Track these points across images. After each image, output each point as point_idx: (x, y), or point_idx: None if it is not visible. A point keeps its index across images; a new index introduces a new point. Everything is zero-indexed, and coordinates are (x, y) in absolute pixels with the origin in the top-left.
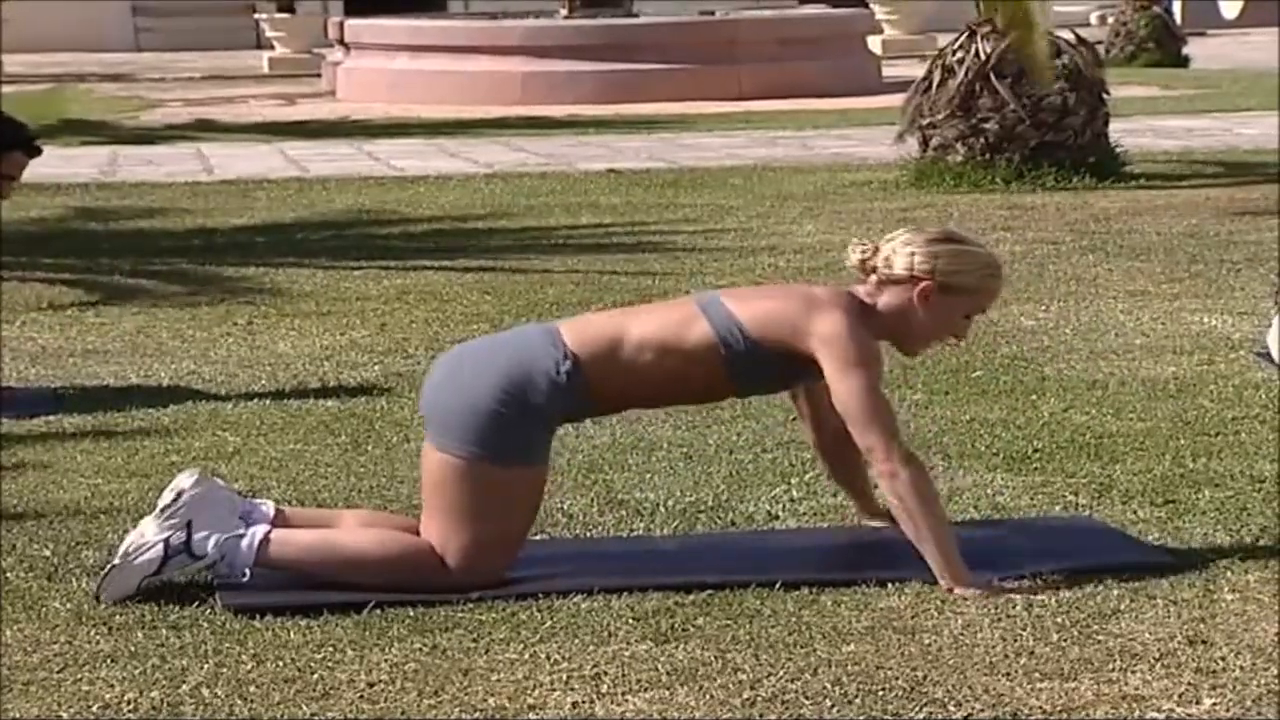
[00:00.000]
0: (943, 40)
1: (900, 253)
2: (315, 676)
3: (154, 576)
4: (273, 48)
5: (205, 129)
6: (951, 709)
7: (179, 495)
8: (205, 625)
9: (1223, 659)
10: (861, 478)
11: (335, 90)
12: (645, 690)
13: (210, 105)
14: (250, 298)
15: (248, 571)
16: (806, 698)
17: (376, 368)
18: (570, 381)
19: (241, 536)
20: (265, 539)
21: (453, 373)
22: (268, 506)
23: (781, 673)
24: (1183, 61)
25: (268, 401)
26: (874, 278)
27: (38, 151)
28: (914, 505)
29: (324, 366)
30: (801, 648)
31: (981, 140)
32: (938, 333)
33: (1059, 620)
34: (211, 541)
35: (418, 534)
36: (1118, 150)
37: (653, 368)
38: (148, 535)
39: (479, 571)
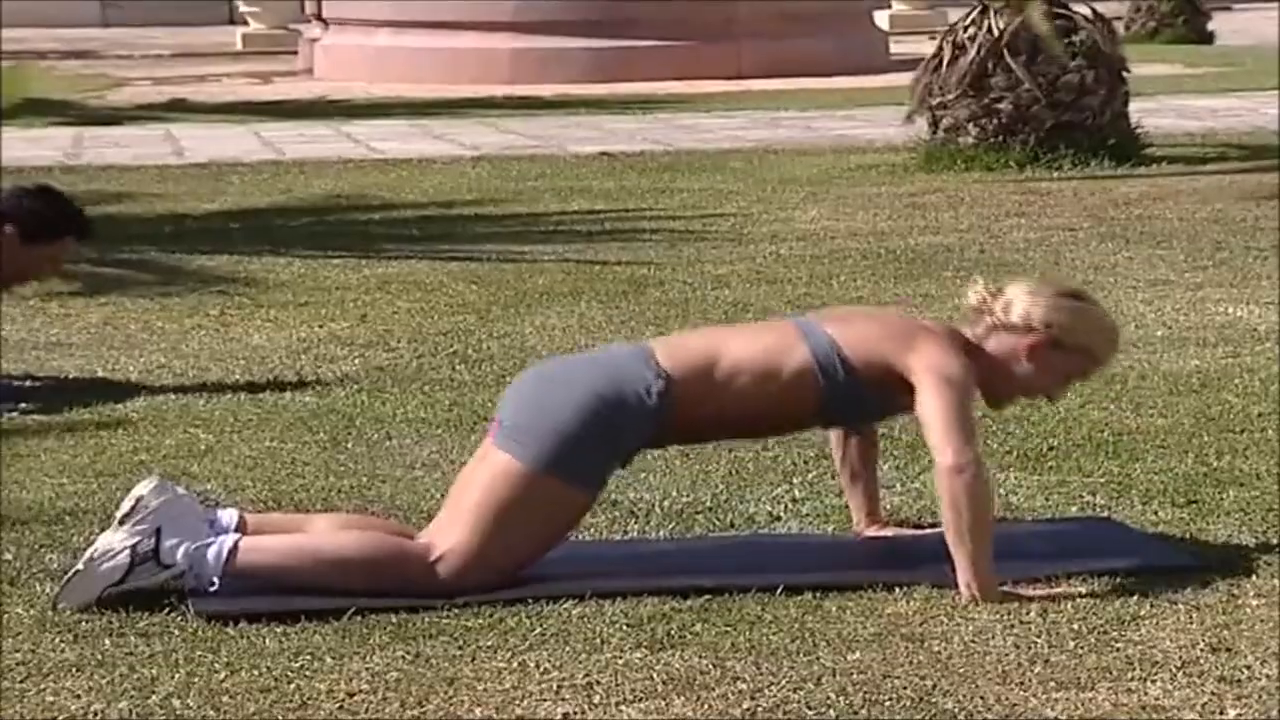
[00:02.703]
0: (953, 15)
1: (1022, 300)
2: (292, 686)
3: (117, 586)
4: (246, 23)
5: (175, 109)
6: None
7: (138, 503)
8: (176, 632)
9: (1248, 667)
10: (872, 477)
11: (313, 68)
12: (640, 701)
13: (181, 84)
14: (223, 288)
15: (216, 581)
16: (810, 708)
17: (357, 361)
18: (660, 404)
19: (210, 545)
20: (235, 547)
21: (541, 383)
22: (230, 516)
23: (783, 682)
24: (1207, 38)
25: (242, 397)
26: (988, 320)
27: (90, 234)
28: (966, 504)
29: (301, 360)
30: (804, 656)
31: (994, 121)
32: (1034, 389)
33: (1075, 627)
34: (181, 550)
35: (399, 536)
36: (1138, 132)
37: (746, 394)
38: (113, 541)
39: (473, 581)
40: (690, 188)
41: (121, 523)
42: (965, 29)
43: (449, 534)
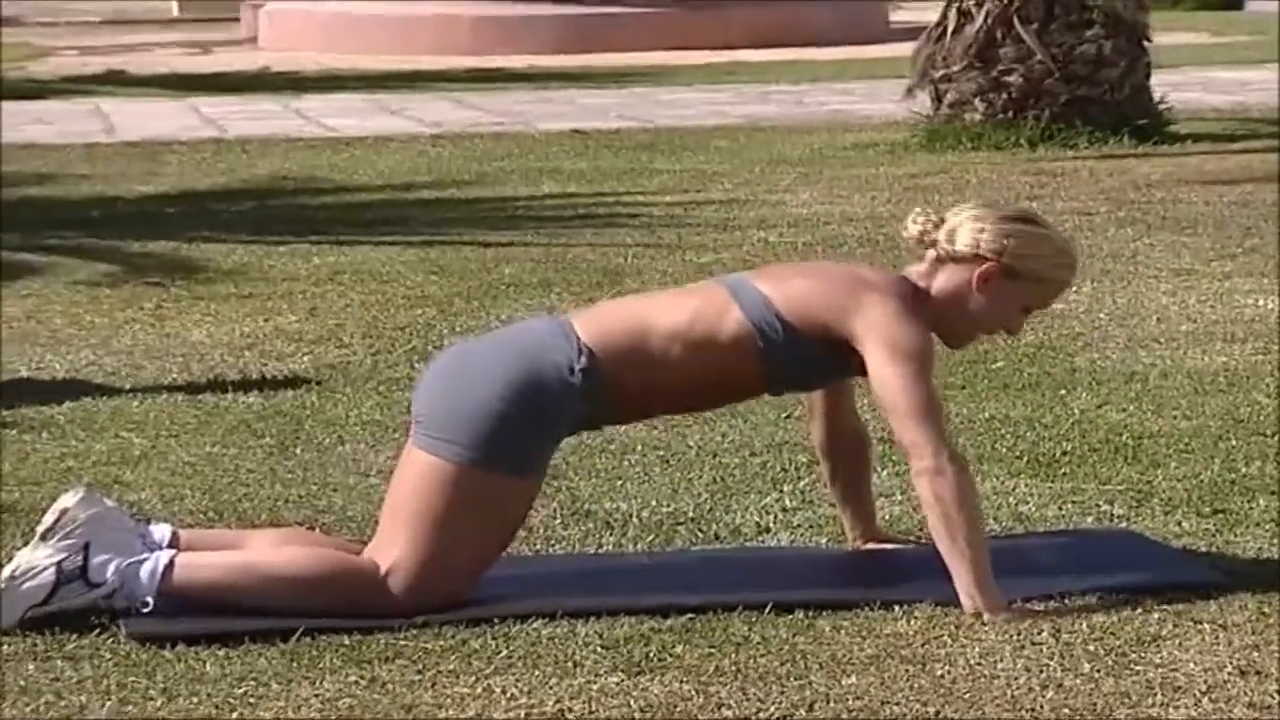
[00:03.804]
0: None
1: (967, 227)
2: (235, 715)
3: (42, 606)
4: None
5: (106, 82)
6: None
7: (63, 515)
8: (107, 656)
9: (1279, 692)
10: (866, 491)
11: (256, 37)
12: None
13: (111, 54)
14: (159, 278)
15: (150, 601)
16: None
17: (306, 358)
18: (586, 382)
19: (144, 561)
20: (170, 564)
21: (453, 371)
22: (162, 531)
23: (773, 709)
24: (1237, 3)
25: (179, 398)
26: (932, 253)
27: None
28: (953, 511)
29: (245, 357)
30: (795, 680)
31: (1004, 96)
32: (990, 323)
33: (1091, 648)
34: (111, 567)
35: (350, 552)
36: (1161, 107)
37: (683, 364)
38: (36, 558)
39: (431, 594)
40: (671, 169)
41: (45, 537)
42: None
43: (390, 548)
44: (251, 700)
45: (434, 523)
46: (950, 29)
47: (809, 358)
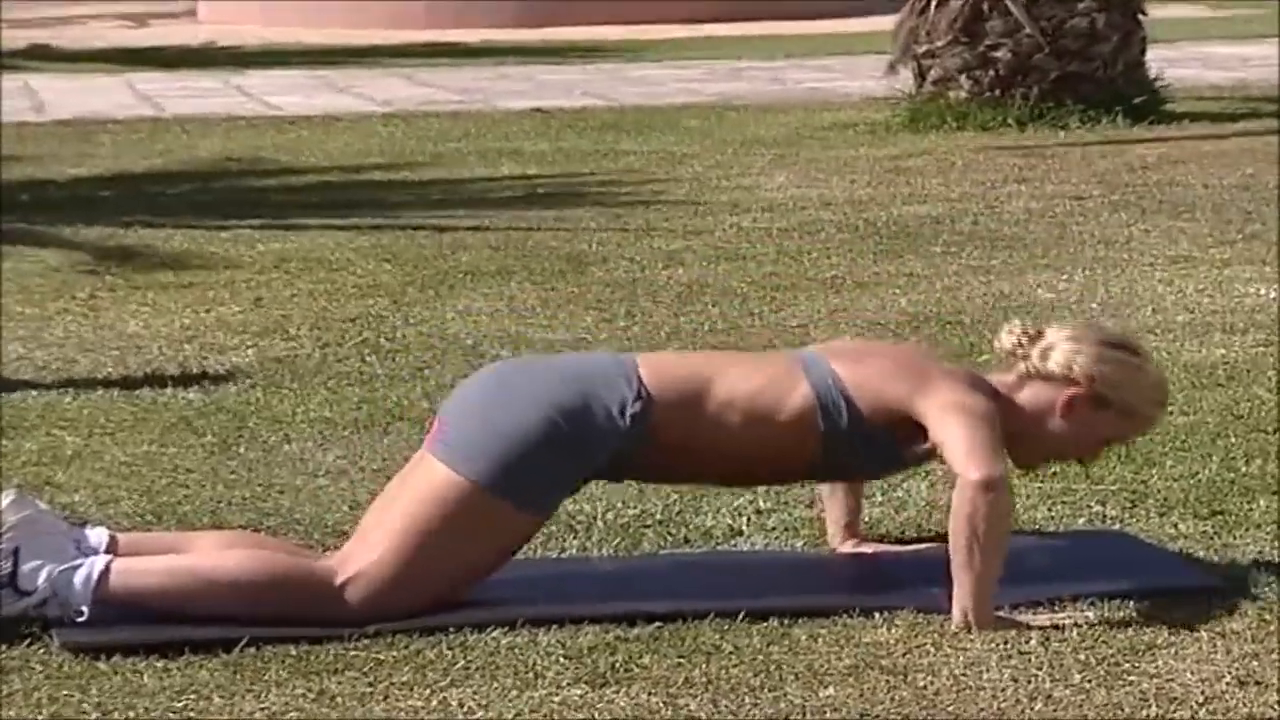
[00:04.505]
0: None
1: (1063, 347)
2: None
3: None
4: None
5: (35, 57)
6: None
7: None
8: (38, 668)
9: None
10: (851, 486)
11: (196, 9)
12: None
13: (41, 27)
14: (93, 266)
15: (85, 609)
16: None
17: (250, 351)
18: (632, 428)
19: (78, 567)
20: (106, 570)
21: (497, 386)
22: (99, 535)
23: None
24: None
25: (115, 393)
26: (1021, 367)
27: None
28: (987, 524)
29: (185, 350)
30: (770, 692)
31: (991, 72)
32: (1067, 450)
33: (1082, 658)
34: (43, 574)
35: (296, 556)
36: (1157, 84)
37: (735, 431)
38: None
39: (391, 608)
40: (638, 150)
41: None
42: None
43: (366, 552)
44: (192, 715)
45: (424, 538)
46: (934, 1)
47: (866, 441)
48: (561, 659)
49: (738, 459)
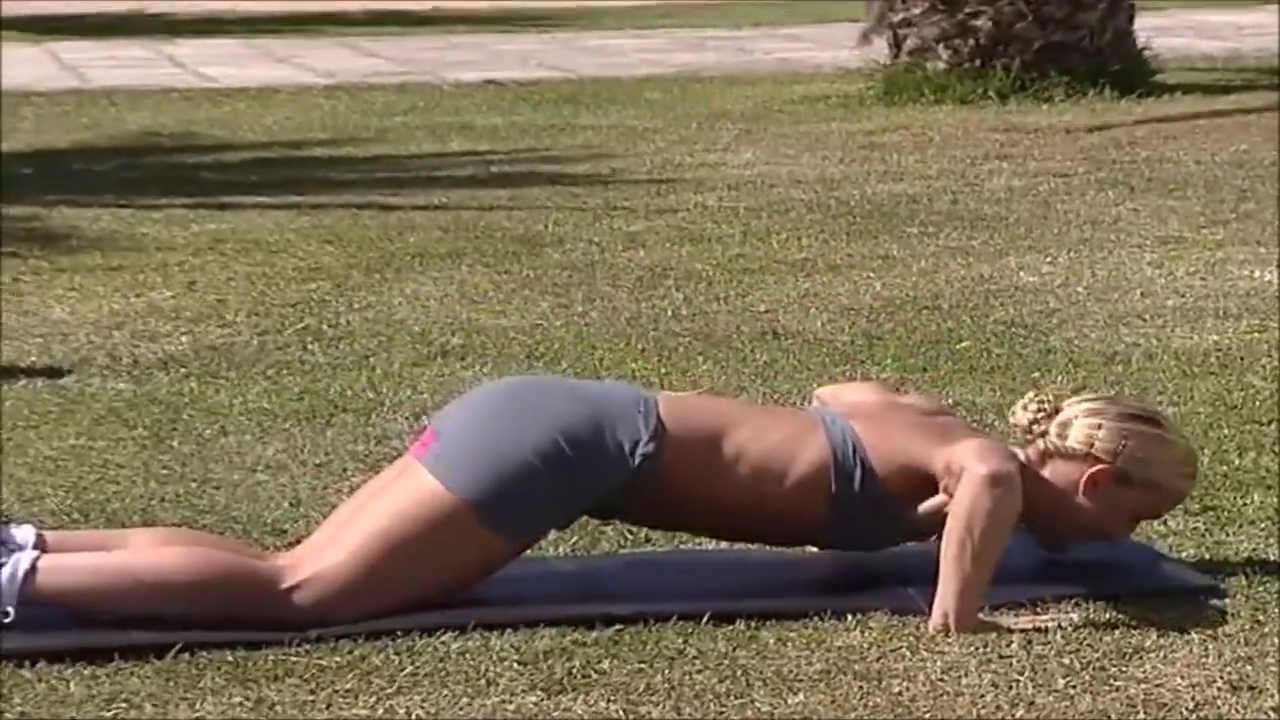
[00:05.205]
0: None
1: (1082, 422)
2: None
3: None
4: None
5: None
6: None
7: None
8: None
9: (1275, 709)
10: None
11: None
12: None
13: None
14: (15, 247)
15: (10, 611)
16: None
17: (184, 339)
18: (641, 467)
19: (1, 565)
20: (32, 569)
21: (506, 401)
22: (25, 533)
23: None
24: None
25: (39, 384)
26: (1040, 444)
27: None
28: (988, 521)
29: (114, 337)
30: (736, 699)
31: (970, 42)
32: (1092, 528)
33: (1066, 662)
34: None
35: (237, 555)
36: (1145, 54)
37: (743, 486)
38: None
39: (339, 614)
40: (597, 124)
41: None
42: None
43: (324, 555)
44: None
45: (396, 548)
46: None
47: (875, 507)
48: (515, 664)
49: (741, 514)
